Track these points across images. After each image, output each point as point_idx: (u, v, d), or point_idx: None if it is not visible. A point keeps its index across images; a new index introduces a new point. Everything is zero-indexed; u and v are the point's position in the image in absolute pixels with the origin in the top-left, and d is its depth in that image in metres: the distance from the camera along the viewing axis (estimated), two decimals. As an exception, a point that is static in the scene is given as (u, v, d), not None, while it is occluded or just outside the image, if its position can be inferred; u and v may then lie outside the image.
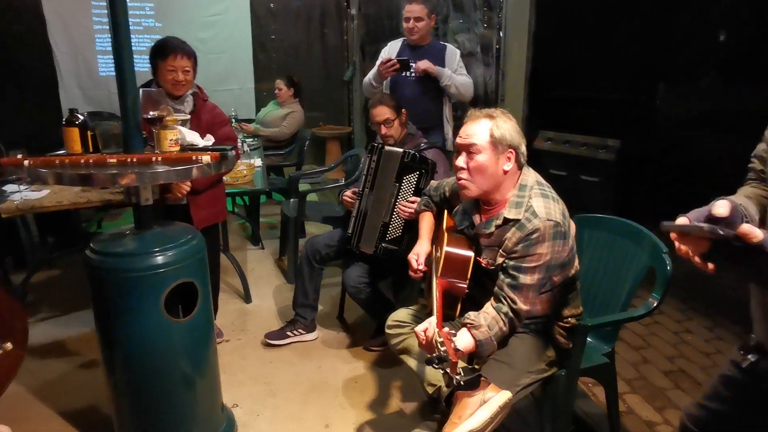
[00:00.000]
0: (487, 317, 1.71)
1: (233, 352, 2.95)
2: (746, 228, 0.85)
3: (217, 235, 2.86)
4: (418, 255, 2.03)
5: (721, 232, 0.87)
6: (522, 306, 1.72)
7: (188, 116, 2.30)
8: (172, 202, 2.46)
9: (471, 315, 1.73)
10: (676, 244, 0.97)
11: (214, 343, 2.09)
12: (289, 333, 2.98)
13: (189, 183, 2.44)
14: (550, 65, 4.34)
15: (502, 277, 1.75)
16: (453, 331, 1.55)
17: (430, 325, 1.67)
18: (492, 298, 1.78)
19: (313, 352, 2.95)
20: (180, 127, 2.02)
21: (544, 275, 1.73)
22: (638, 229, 2.03)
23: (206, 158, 1.86)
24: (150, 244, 1.82)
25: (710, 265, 0.95)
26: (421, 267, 2.00)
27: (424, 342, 1.67)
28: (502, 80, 3.95)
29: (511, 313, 1.72)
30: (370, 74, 3.40)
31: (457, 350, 1.44)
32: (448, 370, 1.41)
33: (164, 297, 1.81)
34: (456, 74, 3.32)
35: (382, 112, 2.76)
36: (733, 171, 1.28)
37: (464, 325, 1.72)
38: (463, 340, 1.67)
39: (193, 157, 1.85)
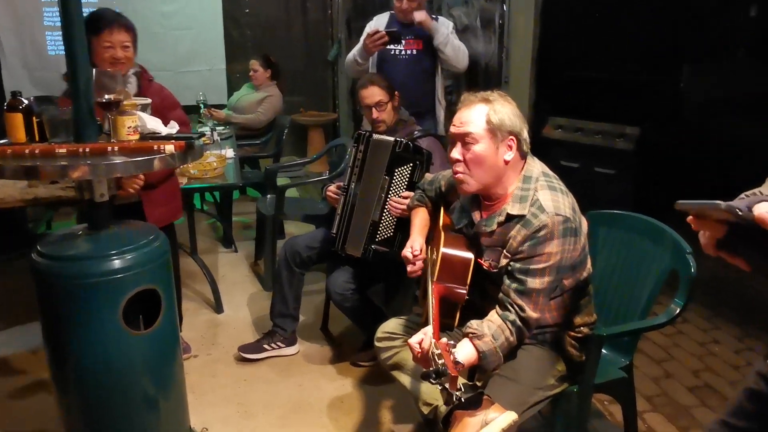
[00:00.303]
0: (492, 326, 1.72)
1: (202, 368, 2.94)
2: (765, 213, 0.86)
3: (175, 236, 2.86)
4: (413, 247, 2.03)
5: (740, 212, 0.88)
6: (531, 313, 1.73)
7: (148, 100, 2.29)
8: (123, 200, 2.42)
9: (473, 323, 1.74)
10: (693, 226, 1.00)
11: (180, 358, 2.08)
12: (266, 346, 2.98)
13: (142, 177, 2.42)
14: (560, 43, 4.35)
15: (507, 281, 1.76)
16: (452, 342, 1.56)
17: (425, 336, 1.67)
18: (497, 305, 1.78)
19: (293, 368, 2.94)
20: (140, 113, 2.01)
21: (555, 278, 1.74)
22: (659, 227, 2.03)
23: (170, 148, 1.84)
24: (106, 246, 1.80)
25: (736, 260, 0.97)
26: (419, 254, 2.01)
27: (419, 355, 1.68)
28: (505, 60, 3.95)
29: (519, 322, 1.73)
30: (355, 50, 3.41)
31: (457, 363, 1.45)
32: (447, 386, 1.42)
33: (123, 306, 1.79)
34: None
35: (373, 93, 2.75)
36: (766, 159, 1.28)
37: (466, 335, 1.72)
38: (465, 352, 1.67)
39: (155, 147, 1.83)
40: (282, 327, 2.98)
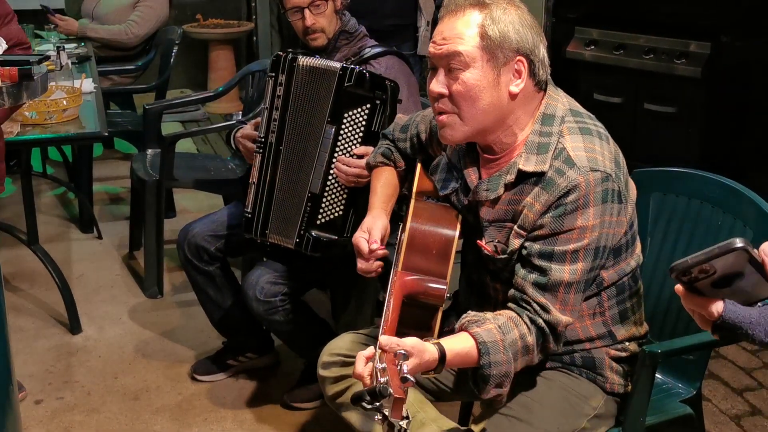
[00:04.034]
0: (500, 318, 1.54)
1: (50, 421, 2.48)
2: None
3: None
4: (370, 231, 1.78)
5: (753, 253, 0.91)
6: (558, 315, 1.53)
7: None
8: None
9: (471, 313, 1.58)
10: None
11: (15, 404, 1.89)
12: (231, 362, 2.67)
13: None
14: None
15: (522, 271, 1.57)
16: (403, 351, 1.34)
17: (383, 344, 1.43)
18: (508, 303, 1.59)
19: (193, 412, 2.52)
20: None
21: (592, 264, 1.54)
22: (739, 192, 1.81)
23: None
24: None
25: None
26: (377, 247, 1.75)
27: (367, 378, 1.40)
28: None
29: (542, 323, 1.52)
30: None
31: (405, 379, 1.27)
32: (386, 413, 1.21)
33: None
34: None
35: None
36: None
37: (461, 327, 1.54)
38: (454, 347, 1.47)
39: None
40: (244, 338, 2.67)
